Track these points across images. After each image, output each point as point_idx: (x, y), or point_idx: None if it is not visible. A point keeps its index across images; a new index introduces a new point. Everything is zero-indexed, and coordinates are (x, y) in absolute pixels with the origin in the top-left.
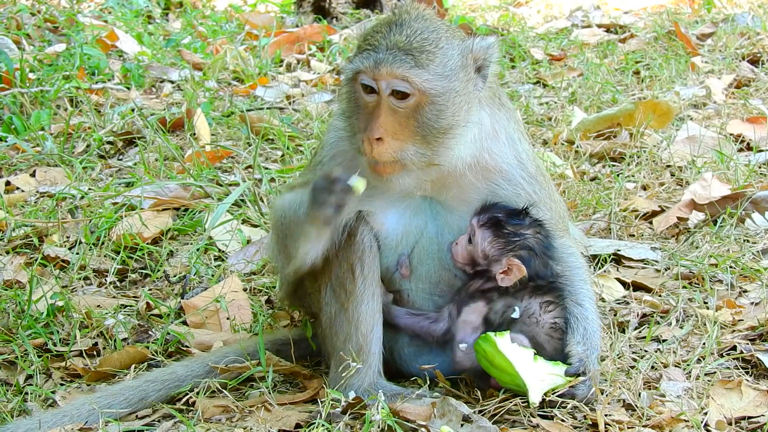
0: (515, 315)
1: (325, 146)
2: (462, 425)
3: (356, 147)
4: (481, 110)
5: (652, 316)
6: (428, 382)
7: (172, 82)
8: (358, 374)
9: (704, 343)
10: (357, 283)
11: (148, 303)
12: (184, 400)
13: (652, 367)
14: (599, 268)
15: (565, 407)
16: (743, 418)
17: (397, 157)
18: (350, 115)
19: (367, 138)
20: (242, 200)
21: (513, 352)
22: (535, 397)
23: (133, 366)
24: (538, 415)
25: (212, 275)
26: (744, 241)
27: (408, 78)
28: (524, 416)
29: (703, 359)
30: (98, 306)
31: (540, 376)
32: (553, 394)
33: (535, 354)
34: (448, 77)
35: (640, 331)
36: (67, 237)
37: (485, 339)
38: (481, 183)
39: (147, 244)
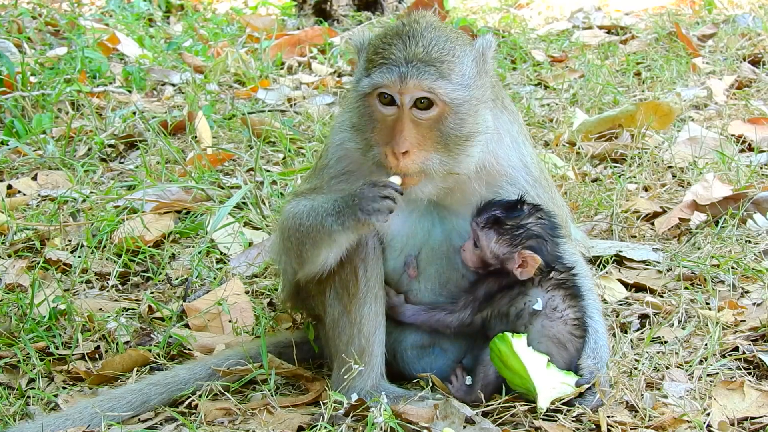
0: (538, 306)
1: (330, 148)
2: (464, 427)
3: (374, 161)
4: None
5: (655, 317)
6: (431, 384)
7: (173, 85)
8: (360, 376)
9: (706, 344)
10: (360, 285)
11: (150, 306)
12: (186, 403)
13: (655, 368)
14: (601, 270)
15: (569, 413)
16: (746, 419)
17: (422, 167)
18: (363, 129)
19: (392, 152)
20: (244, 203)
21: (528, 356)
22: (543, 403)
23: (135, 369)
24: (541, 418)
25: (214, 278)
26: (746, 241)
27: (434, 90)
28: (527, 418)
29: (706, 360)
30: (100, 309)
31: (551, 384)
32: (559, 402)
33: (548, 361)
34: (468, 86)
35: (642, 333)
36: (69, 240)
37: (501, 339)
38: (484, 188)
39: (149, 247)
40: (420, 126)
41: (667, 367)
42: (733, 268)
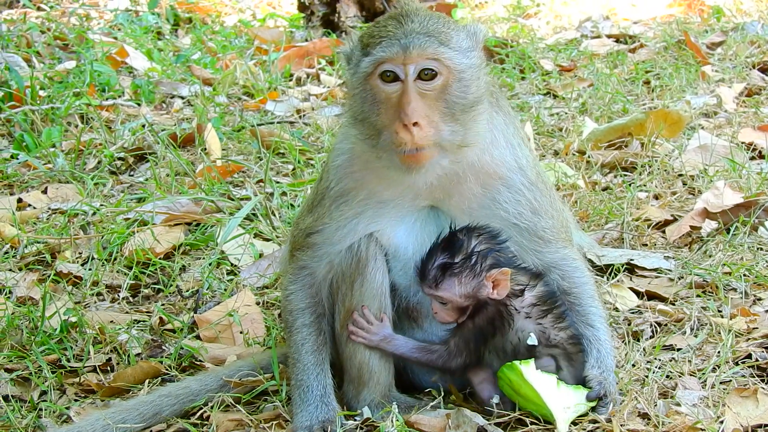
0: (532, 341)
1: (331, 171)
2: None
3: (385, 148)
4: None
5: (666, 325)
6: (442, 394)
7: (182, 97)
8: (368, 388)
9: (719, 352)
10: (354, 300)
11: (161, 318)
12: (198, 414)
13: (668, 376)
14: (613, 278)
15: (584, 419)
16: (759, 426)
17: (435, 140)
18: (368, 116)
19: (403, 125)
20: (254, 214)
21: (538, 381)
22: (563, 427)
23: (146, 381)
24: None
25: (225, 289)
26: (757, 249)
27: (438, 56)
28: (539, 427)
29: (718, 368)
30: (111, 321)
31: (565, 404)
32: (575, 426)
33: (558, 380)
34: (466, 54)
35: (654, 341)
36: (80, 253)
37: (510, 368)
38: (481, 190)
39: (159, 259)
40: (426, 97)
41: (680, 375)
42: (744, 275)
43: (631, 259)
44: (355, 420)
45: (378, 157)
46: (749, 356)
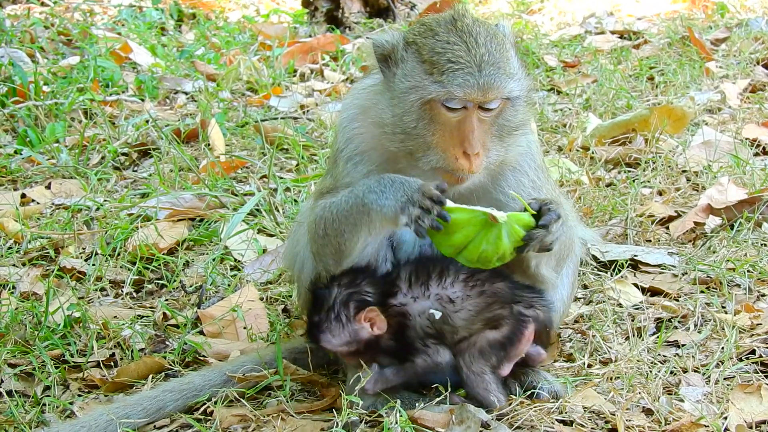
0: (437, 315)
1: (340, 131)
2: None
3: (428, 162)
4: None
5: (670, 321)
6: (450, 389)
7: (186, 93)
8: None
9: (723, 348)
10: None
11: (164, 313)
12: (201, 409)
13: (671, 372)
14: (616, 274)
15: (586, 409)
16: (763, 422)
17: (485, 164)
18: (420, 133)
19: (464, 154)
20: (257, 210)
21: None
22: (499, 214)
23: (150, 376)
24: (557, 421)
25: (228, 285)
26: (761, 245)
27: (507, 94)
28: (543, 422)
29: (722, 364)
30: (115, 317)
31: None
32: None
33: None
34: (519, 79)
35: (658, 336)
36: (83, 248)
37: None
38: (489, 180)
39: (163, 254)
40: (484, 123)
41: (684, 371)
42: (748, 271)
43: (635, 255)
44: (358, 408)
45: (411, 165)
46: (753, 352)
